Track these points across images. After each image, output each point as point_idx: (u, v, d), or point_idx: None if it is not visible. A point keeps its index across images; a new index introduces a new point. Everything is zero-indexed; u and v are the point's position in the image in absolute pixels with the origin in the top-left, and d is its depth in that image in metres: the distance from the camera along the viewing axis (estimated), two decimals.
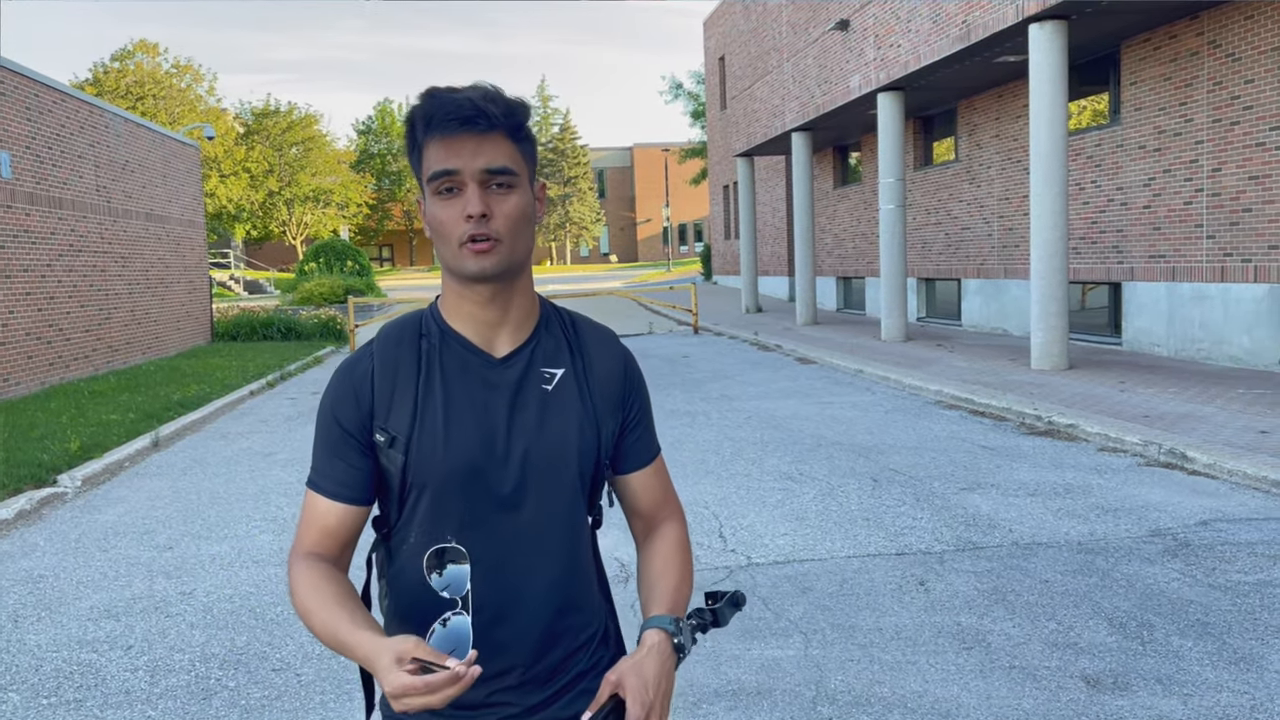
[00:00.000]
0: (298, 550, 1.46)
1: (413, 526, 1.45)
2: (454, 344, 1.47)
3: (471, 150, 1.37)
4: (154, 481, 8.14)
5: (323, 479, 1.45)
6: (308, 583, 1.39)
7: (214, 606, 5.02)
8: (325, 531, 1.46)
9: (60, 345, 13.61)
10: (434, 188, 1.39)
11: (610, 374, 1.53)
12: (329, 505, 1.45)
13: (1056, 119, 11.66)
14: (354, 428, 1.43)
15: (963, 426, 9.22)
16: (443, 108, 1.37)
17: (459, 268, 1.41)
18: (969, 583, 4.92)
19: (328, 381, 1.50)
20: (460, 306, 1.46)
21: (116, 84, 44.59)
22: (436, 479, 1.41)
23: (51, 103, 13.73)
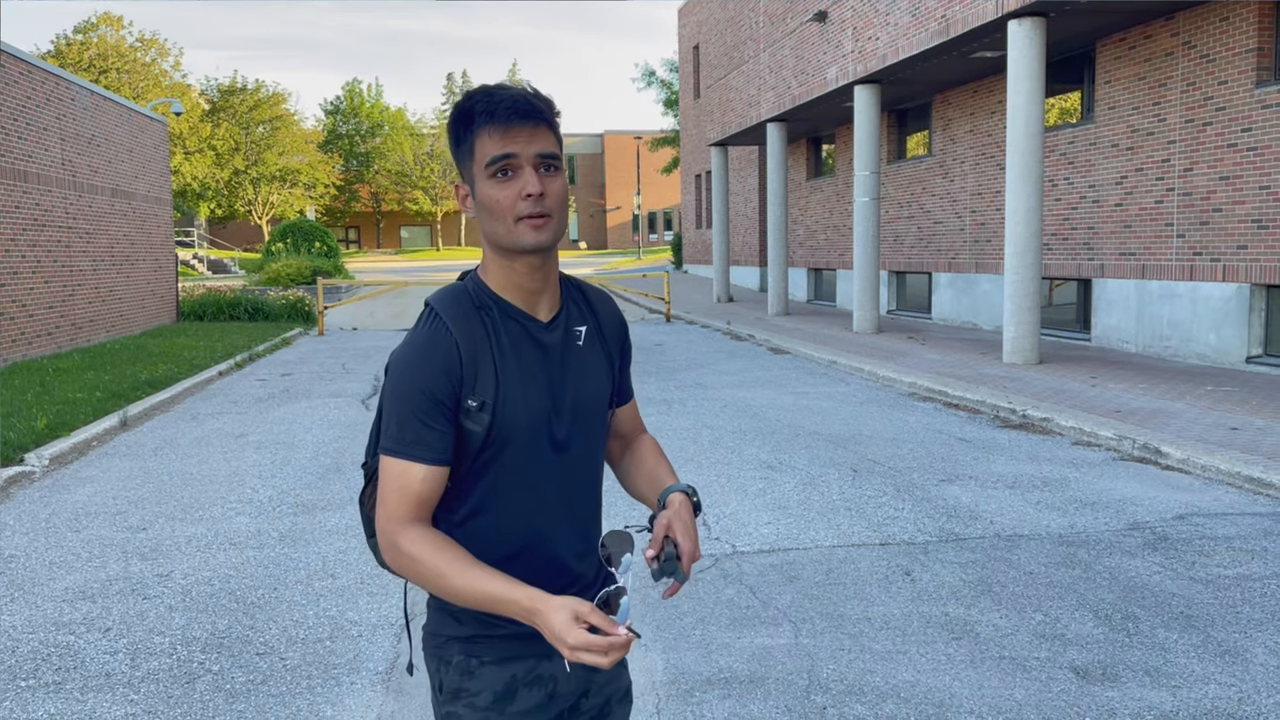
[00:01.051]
0: (398, 520, 1.58)
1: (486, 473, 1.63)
2: (510, 313, 1.65)
3: (527, 138, 1.56)
4: (124, 462, 7.99)
5: (418, 448, 1.58)
6: (432, 546, 1.54)
7: (192, 589, 4.93)
8: (421, 497, 1.59)
9: (23, 321, 13.32)
10: (491, 171, 1.57)
11: (615, 326, 1.80)
12: (426, 471, 1.58)
13: (1033, 115, 11.75)
14: (447, 397, 1.58)
15: (938, 419, 9.29)
16: (502, 102, 1.56)
17: (515, 242, 1.59)
18: (954, 573, 4.95)
19: (399, 359, 1.62)
20: (508, 278, 1.65)
21: (79, 56, 43.65)
22: (518, 432, 1.62)
23: (18, 74, 13.41)
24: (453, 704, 1.66)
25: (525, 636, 1.59)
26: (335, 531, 5.90)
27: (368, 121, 65.88)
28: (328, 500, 6.63)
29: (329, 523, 6.09)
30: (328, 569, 5.22)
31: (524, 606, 1.47)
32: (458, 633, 1.66)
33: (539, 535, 1.66)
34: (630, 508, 4.64)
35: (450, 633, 1.66)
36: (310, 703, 3.70)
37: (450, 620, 1.66)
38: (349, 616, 4.54)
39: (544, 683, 1.67)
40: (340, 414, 10.10)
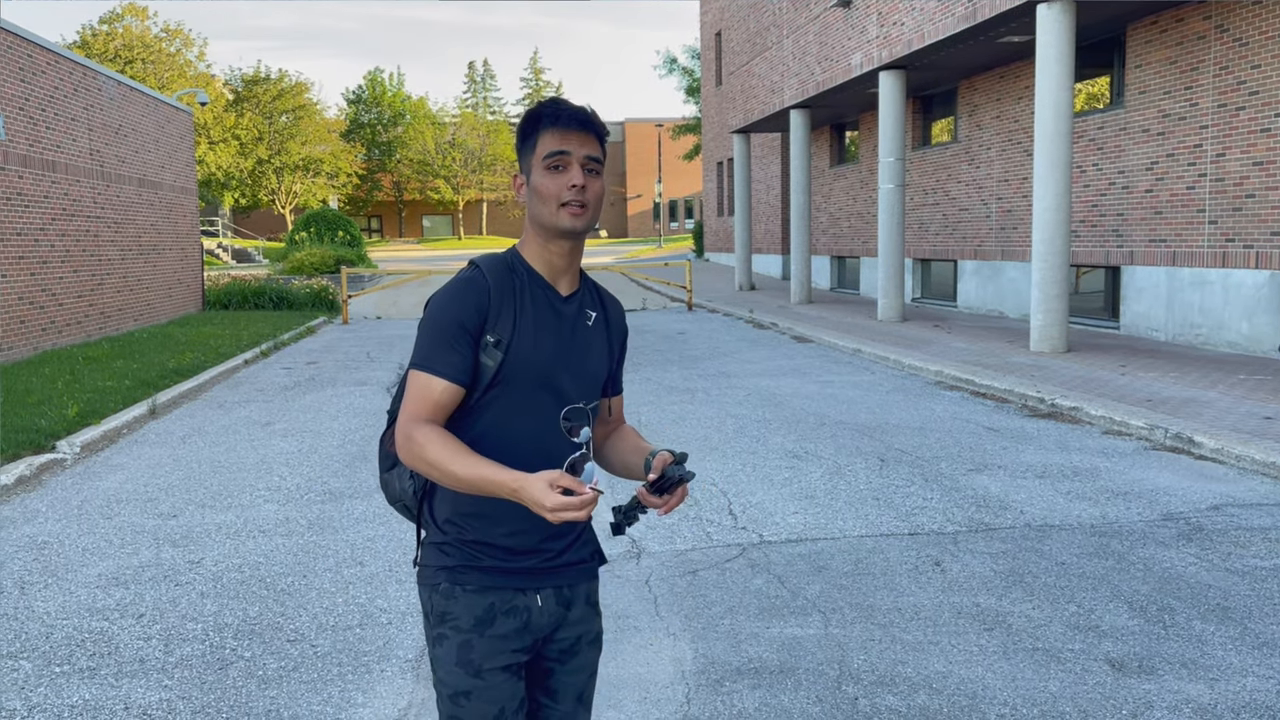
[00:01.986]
0: (414, 418, 1.85)
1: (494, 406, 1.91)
2: (535, 280, 1.96)
3: (579, 141, 1.90)
4: (153, 449, 8.06)
5: (441, 365, 1.86)
6: (438, 439, 1.81)
7: (223, 576, 4.97)
8: (439, 406, 1.87)
9: (53, 310, 13.45)
10: (548, 164, 1.89)
11: (619, 326, 2.10)
12: (445, 386, 1.86)
13: (1062, 100, 11.61)
14: (473, 327, 1.87)
15: (965, 408, 9.22)
16: (567, 110, 1.91)
17: (555, 223, 1.91)
18: (985, 564, 4.91)
19: (439, 295, 1.92)
20: (542, 255, 1.97)
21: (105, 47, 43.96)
22: (524, 374, 1.89)
23: (46, 64, 13.50)
24: (440, 626, 1.92)
25: (504, 571, 1.92)
26: (363, 519, 5.92)
27: (389, 111, 66.02)
28: (355, 488, 6.66)
29: (357, 510, 6.12)
30: (356, 557, 5.24)
31: (510, 485, 1.73)
32: (444, 563, 1.92)
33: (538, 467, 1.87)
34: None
35: (438, 563, 1.93)
36: (341, 690, 3.71)
37: (439, 553, 1.93)
38: (378, 604, 4.56)
39: (519, 613, 1.92)
40: (366, 402, 10.14)
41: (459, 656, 1.90)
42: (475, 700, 1.89)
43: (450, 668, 1.90)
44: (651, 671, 3.83)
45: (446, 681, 1.91)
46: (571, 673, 2.03)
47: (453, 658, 1.90)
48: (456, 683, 1.90)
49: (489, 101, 74.89)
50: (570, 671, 2.03)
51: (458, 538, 1.92)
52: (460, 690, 1.90)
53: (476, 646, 1.89)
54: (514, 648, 1.92)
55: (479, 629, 1.89)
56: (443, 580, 1.92)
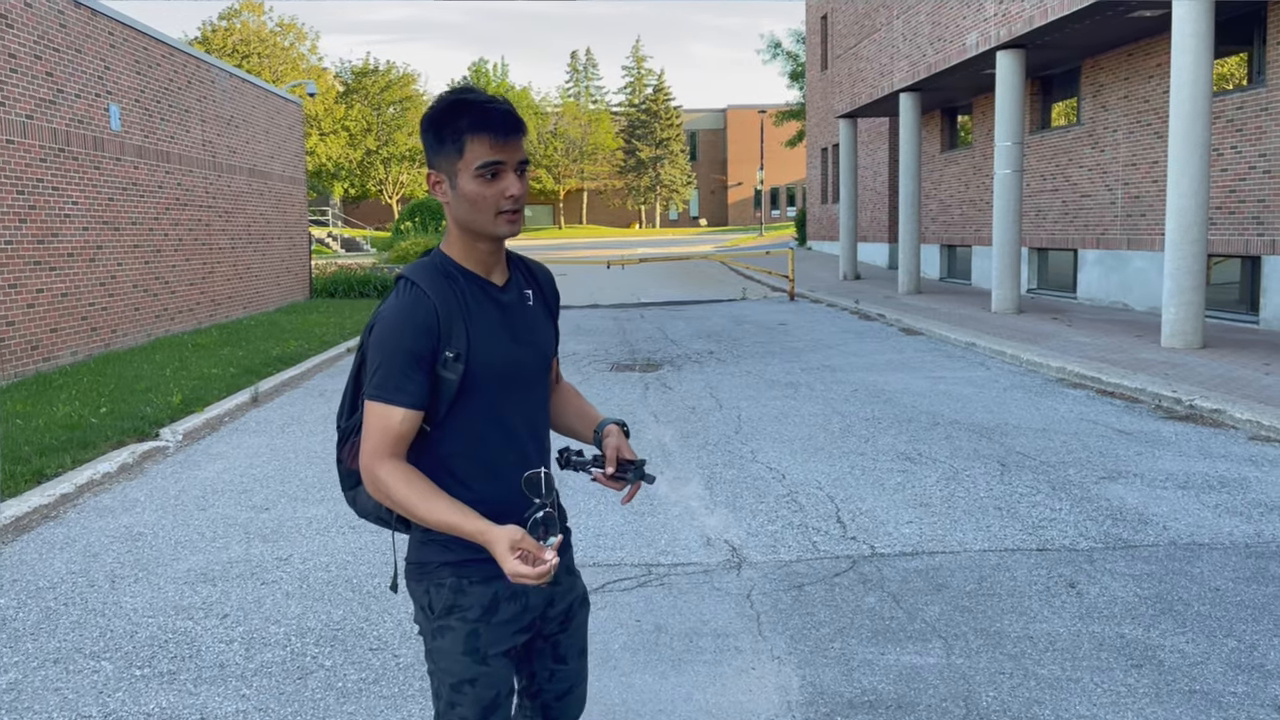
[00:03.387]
0: (379, 455, 1.86)
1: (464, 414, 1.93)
2: (473, 280, 1.96)
3: (513, 149, 1.88)
4: (253, 438, 8.06)
5: (400, 394, 1.85)
6: (404, 479, 1.84)
7: (310, 575, 4.82)
8: (400, 437, 1.87)
9: (165, 298, 13.78)
10: (480, 172, 1.86)
11: (552, 292, 2.14)
12: (405, 414, 1.86)
13: (1200, 79, 10.77)
14: (426, 351, 1.86)
15: (1091, 407, 8.60)
16: (492, 115, 1.87)
17: (492, 231, 1.91)
18: (1126, 587, 4.43)
19: (384, 320, 1.88)
20: (470, 254, 1.96)
21: (224, 42, 45.41)
22: (489, 377, 1.92)
23: (160, 56, 13.80)
24: (445, 619, 1.95)
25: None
26: None
27: None
28: None
29: None
30: None
31: (477, 538, 1.79)
32: (448, 559, 1.94)
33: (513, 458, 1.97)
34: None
35: (441, 559, 1.95)
36: (422, 708, 3.49)
37: (441, 549, 1.94)
38: None
39: (519, 596, 1.98)
40: None
41: (466, 645, 1.94)
42: (478, 687, 1.94)
43: (456, 657, 1.94)
44: (754, 700, 3.50)
45: (451, 670, 1.95)
46: (572, 635, 2.13)
47: (459, 647, 1.94)
48: (462, 671, 1.94)
49: (590, 91, 75.00)
50: (571, 635, 2.13)
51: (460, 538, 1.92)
52: (465, 678, 1.94)
53: (483, 634, 1.94)
54: (514, 630, 2.00)
55: (486, 617, 1.94)
56: (448, 575, 1.94)
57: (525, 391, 2.00)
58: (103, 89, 12.09)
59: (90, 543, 5.40)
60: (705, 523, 5.53)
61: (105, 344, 11.96)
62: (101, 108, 12.06)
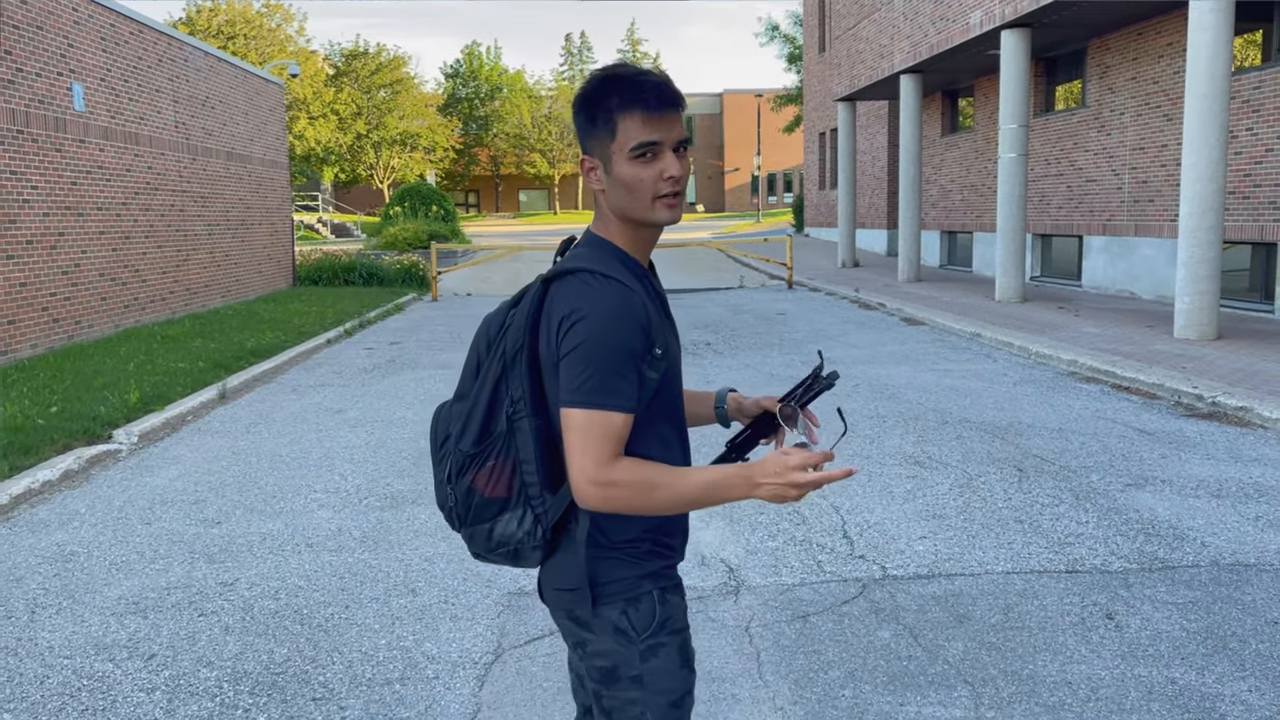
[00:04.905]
0: (606, 462, 1.66)
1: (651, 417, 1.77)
2: (638, 272, 1.81)
3: (669, 125, 1.73)
4: (215, 440, 7.54)
5: (618, 398, 1.67)
6: (643, 467, 1.68)
7: (255, 604, 4.31)
8: (620, 442, 1.68)
9: (136, 287, 13.21)
10: (635, 153, 1.71)
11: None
12: (625, 419, 1.68)
13: (1219, 56, 10.24)
14: (642, 351, 1.71)
15: (1108, 404, 8.10)
16: (647, 89, 1.71)
17: (651, 217, 1.76)
18: (1171, 619, 3.93)
19: (597, 319, 1.66)
20: (634, 242, 1.81)
21: (208, 23, 44.60)
22: (674, 373, 1.82)
23: (128, 34, 13.20)
24: (657, 635, 1.77)
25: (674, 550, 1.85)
26: (423, 532, 5.23)
27: (487, 84, 65.90)
28: (419, 492, 5.98)
29: (418, 520, 5.43)
30: (410, 581, 4.53)
31: (743, 476, 1.65)
32: (645, 570, 1.78)
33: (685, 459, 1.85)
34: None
35: (634, 573, 1.77)
36: None
37: (629, 562, 1.77)
38: (426, 649, 3.83)
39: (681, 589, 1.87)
40: (445, 388, 9.51)
41: (682, 658, 1.81)
42: (690, 695, 1.83)
43: (676, 672, 1.80)
44: None
45: (671, 689, 1.79)
46: None
47: (677, 660, 1.80)
48: (681, 684, 1.81)
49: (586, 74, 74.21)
50: None
51: (653, 542, 1.81)
52: (685, 690, 1.82)
53: (689, 641, 1.85)
54: None
55: (684, 618, 1.85)
56: (651, 587, 1.79)
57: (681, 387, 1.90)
58: (65, 67, 11.50)
59: (16, 564, 4.88)
60: (700, 537, 5.03)
61: (69, 336, 11.41)
62: (64, 87, 11.47)
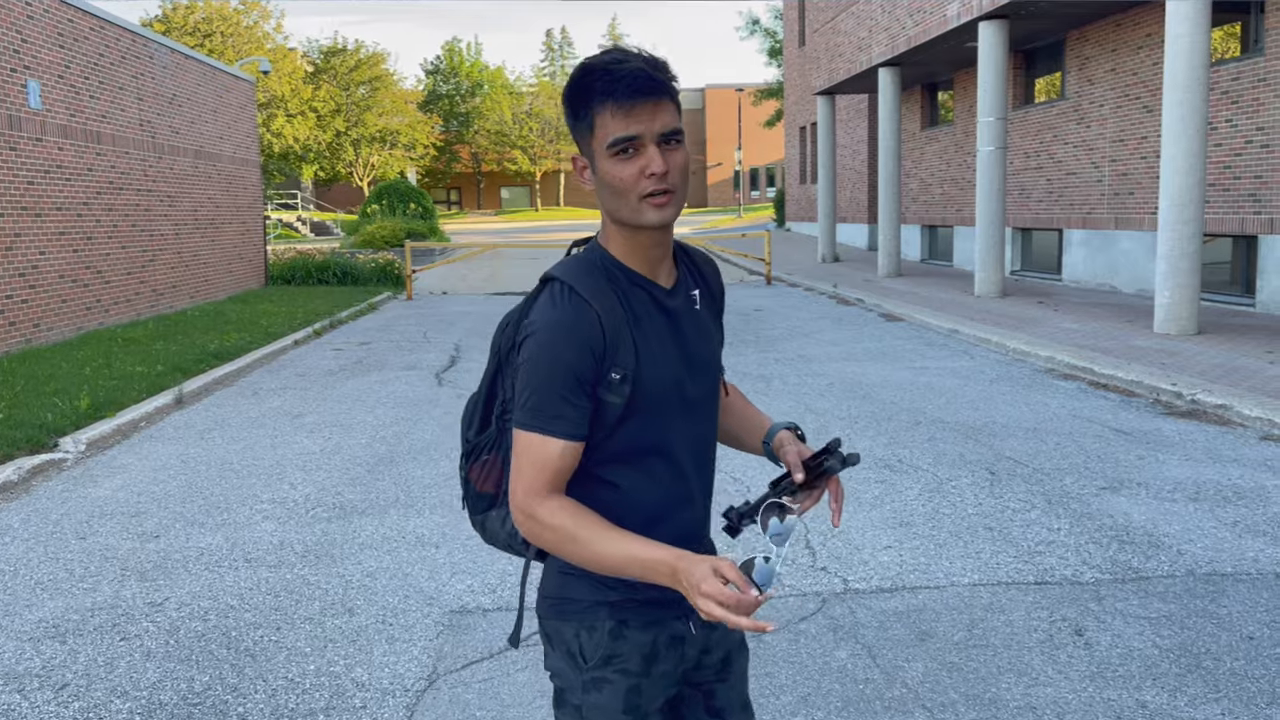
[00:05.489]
0: (535, 493, 1.57)
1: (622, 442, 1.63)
2: (637, 281, 1.65)
3: (650, 115, 1.55)
4: (166, 447, 7.29)
5: (559, 423, 1.56)
6: (571, 516, 1.56)
7: (182, 626, 4.08)
8: (558, 472, 1.58)
9: (99, 289, 12.91)
10: (612, 150, 1.55)
11: (718, 289, 1.82)
12: (564, 446, 1.57)
13: (1198, 45, 10.08)
14: (589, 373, 1.57)
15: (1085, 402, 7.93)
16: (623, 79, 1.53)
17: (639, 219, 1.58)
18: (1143, 635, 3.74)
19: (539, 334, 1.56)
20: (634, 250, 1.64)
21: (184, 21, 44.10)
22: (653, 401, 1.63)
23: (88, 29, 12.89)
24: (601, 669, 1.67)
25: (662, 602, 1.65)
26: (369, 545, 5.00)
27: (467, 81, 65.48)
28: (370, 502, 5.75)
29: (365, 532, 5.21)
30: (348, 600, 4.31)
31: (670, 564, 1.48)
32: (606, 598, 1.66)
33: (677, 499, 1.69)
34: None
35: (596, 598, 1.66)
36: None
37: (592, 585, 1.66)
38: (356, 675, 3.61)
39: (677, 645, 1.71)
40: (410, 390, 9.29)
41: (626, 703, 1.67)
42: None
43: (615, 715, 1.67)
44: None
45: None
46: (732, 685, 1.81)
47: (618, 704, 1.66)
48: None
49: (566, 70, 73.84)
50: (731, 685, 1.81)
51: None
52: None
53: (645, 690, 1.68)
54: (670, 683, 1.73)
55: (646, 669, 1.68)
56: (605, 617, 1.67)
57: (693, 417, 1.69)
58: (19, 63, 11.20)
59: None
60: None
61: (26, 340, 11.11)
62: (18, 84, 11.17)
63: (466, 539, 5.04)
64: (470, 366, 10.54)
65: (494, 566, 4.65)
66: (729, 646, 1.80)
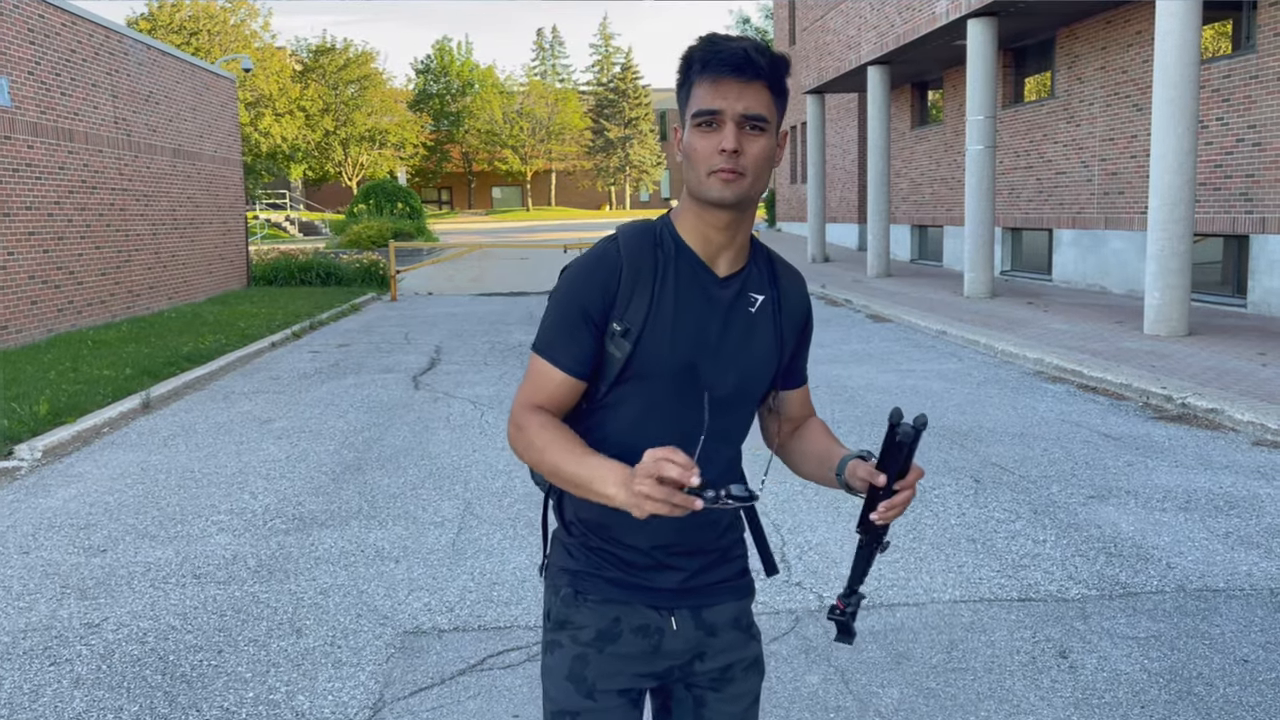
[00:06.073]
0: (526, 405, 1.64)
1: (625, 404, 1.64)
2: (686, 257, 1.65)
3: (736, 94, 1.55)
4: (126, 454, 7.05)
5: (558, 353, 1.63)
6: (544, 426, 1.59)
7: (118, 649, 3.85)
8: (552, 397, 1.64)
9: (70, 290, 12.66)
10: (695, 121, 1.57)
11: (797, 306, 1.75)
12: (561, 376, 1.63)
13: (1188, 42, 9.91)
14: (597, 313, 1.61)
15: (1074, 406, 7.75)
16: (719, 54, 1.56)
17: (704, 192, 1.59)
18: (1131, 657, 3.54)
19: (570, 271, 1.64)
20: (697, 227, 1.65)
21: (170, 19, 43.74)
22: (655, 370, 1.62)
23: (60, 25, 12.63)
24: (557, 633, 1.70)
25: (632, 586, 1.67)
26: (326, 559, 4.78)
27: (458, 80, 65.14)
28: (331, 513, 5.53)
29: (323, 545, 4.99)
30: (296, 620, 4.09)
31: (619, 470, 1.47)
32: (569, 565, 1.70)
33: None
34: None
35: (563, 564, 1.71)
36: None
37: (564, 553, 1.72)
38: (297, 704, 3.39)
39: (650, 633, 1.67)
40: (385, 393, 9.06)
41: (571, 670, 1.68)
42: (573, 716, 1.67)
43: (559, 681, 1.69)
44: None
45: (553, 697, 1.70)
46: (729, 700, 1.75)
47: (564, 670, 1.68)
48: (563, 699, 1.69)
49: (557, 69, 73.53)
50: (728, 700, 1.74)
51: (583, 542, 1.71)
52: (566, 709, 1.69)
53: (593, 663, 1.67)
54: (638, 671, 1.69)
55: (599, 643, 1.67)
56: (565, 584, 1.71)
57: (707, 413, 1.64)
58: None
59: None
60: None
61: None
62: None
63: (428, 553, 4.82)
64: (450, 369, 10.32)
65: (454, 583, 4.43)
66: (732, 659, 1.74)
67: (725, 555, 1.76)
